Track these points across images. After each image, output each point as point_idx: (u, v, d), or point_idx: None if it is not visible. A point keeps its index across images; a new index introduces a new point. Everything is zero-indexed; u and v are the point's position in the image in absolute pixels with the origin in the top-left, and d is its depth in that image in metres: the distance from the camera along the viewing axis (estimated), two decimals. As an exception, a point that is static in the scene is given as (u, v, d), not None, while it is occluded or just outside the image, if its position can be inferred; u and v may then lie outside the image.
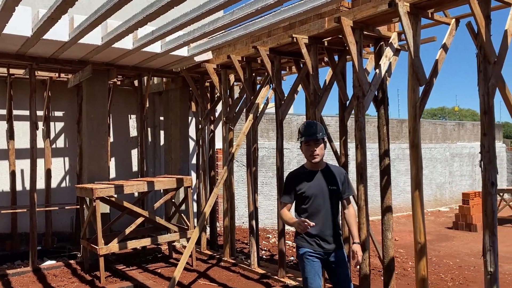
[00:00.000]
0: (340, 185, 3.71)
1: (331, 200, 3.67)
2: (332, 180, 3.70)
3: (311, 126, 3.69)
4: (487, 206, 4.06)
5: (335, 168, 3.83)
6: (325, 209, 3.66)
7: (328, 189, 3.66)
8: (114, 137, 10.15)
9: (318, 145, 3.65)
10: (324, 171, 3.73)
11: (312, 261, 3.65)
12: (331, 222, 3.67)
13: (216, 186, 6.26)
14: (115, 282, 6.60)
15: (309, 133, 3.64)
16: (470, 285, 6.72)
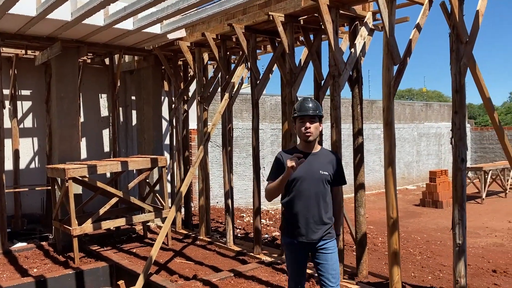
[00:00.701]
0: (333, 171, 3.42)
1: (320, 186, 3.36)
2: (324, 164, 3.41)
3: (307, 101, 3.42)
4: (457, 182, 4.23)
5: (329, 153, 3.53)
6: (312, 195, 3.35)
7: (319, 174, 3.36)
8: (84, 117, 9.92)
9: (313, 122, 3.37)
10: (318, 155, 3.44)
11: (295, 250, 3.44)
12: (319, 209, 3.36)
13: (192, 166, 6.25)
14: (89, 263, 6.55)
15: (303, 109, 3.38)
16: (436, 258, 7.02)
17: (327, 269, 3.43)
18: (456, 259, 4.27)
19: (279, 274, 5.72)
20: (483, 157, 19.48)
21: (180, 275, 5.92)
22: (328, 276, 3.42)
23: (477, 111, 48.21)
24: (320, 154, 3.46)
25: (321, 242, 3.40)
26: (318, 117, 3.40)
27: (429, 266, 6.59)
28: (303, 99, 3.50)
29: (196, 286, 5.23)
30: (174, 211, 5.89)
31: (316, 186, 3.35)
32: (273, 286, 5.27)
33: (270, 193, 3.40)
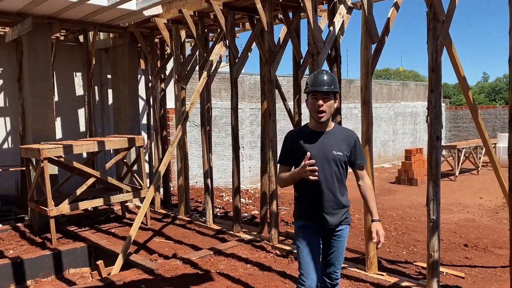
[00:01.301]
0: (349, 151, 3.09)
1: (334, 168, 3.05)
2: (339, 144, 3.07)
3: (322, 74, 3.03)
4: (432, 159, 4.32)
5: (344, 131, 3.17)
6: (327, 176, 3.04)
7: (333, 155, 3.04)
8: (59, 96, 9.66)
9: (327, 100, 3.00)
10: (331, 133, 3.10)
11: (309, 235, 3.13)
12: (334, 192, 3.07)
13: (171, 145, 6.20)
14: (67, 243, 6.49)
15: (317, 83, 2.99)
16: (411, 234, 7.22)
17: (337, 257, 3.21)
18: (430, 234, 4.39)
19: (258, 251, 5.80)
20: (457, 135, 19.94)
21: (159, 254, 5.94)
22: (335, 263, 3.22)
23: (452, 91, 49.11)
24: (334, 132, 3.11)
25: (338, 228, 3.15)
26: (333, 94, 3.03)
27: (404, 241, 6.78)
28: (317, 72, 3.10)
29: (175, 265, 5.26)
30: (153, 191, 5.86)
31: (330, 168, 3.04)
32: (253, 263, 5.34)
33: (283, 183, 3.15)
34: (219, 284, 4.68)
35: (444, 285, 4.83)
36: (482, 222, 8.25)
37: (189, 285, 4.65)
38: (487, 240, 6.89)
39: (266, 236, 6.32)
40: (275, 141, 6.09)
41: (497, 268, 5.63)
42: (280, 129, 13.51)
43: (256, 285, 4.65)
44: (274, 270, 5.07)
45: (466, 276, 5.36)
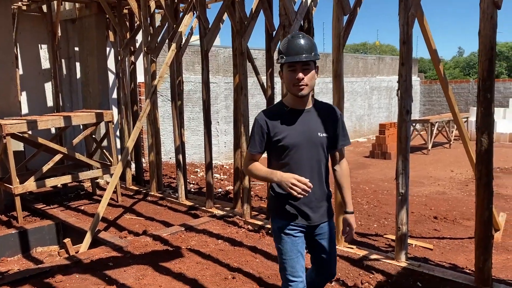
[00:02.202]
0: (333, 131, 2.58)
1: (320, 153, 2.56)
2: (323, 123, 2.55)
3: (298, 40, 2.41)
4: (401, 133, 4.30)
5: (326, 107, 2.63)
6: (313, 164, 2.55)
7: (319, 138, 2.54)
8: (23, 70, 9.26)
9: (308, 71, 2.44)
10: (312, 111, 2.56)
11: (293, 236, 2.61)
12: (321, 182, 2.60)
13: (139, 120, 6.02)
14: (34, 221, 6.32)
15: (293, 51, 2.40)
16: (383, 207, 7.31)
17: (331, 258, 2.77)
18: (398, 208, 4.41)
19: (230, 227, 5.77)
20: (431, 109, 20.21)
21: (129, 231, 5.84)
22: (331, 264, 2.80)
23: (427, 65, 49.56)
24: (316, 110, 2.57)
25: (323, 224, 2.66)
26: (314, 62, 2.47)
27: (375, 214, 6.86)
28: (292, 36, 2.47)
29: (145, 242, 5.18)
30: (121, 167, 5.71)
31: (317, 153, 2.55)
32: (224, 239, 5.30)
33: (252, 176, 2.64)
34: (189, 260, 4.63)
35: (413, 257, 4.90)
36: (452, 194, 8.42)
37: (158, 262, 4.59)
38: (456, 212, 7.04)
39: (239, 212, 6.28)
40: (247, 116, 5.98)
41: (465, 239, 5.76)
42: (256, 104, 13.50)
43: (227, 260, 4.62)
44: (245, 245, 5.05)
45: (435, 247, 5.46)
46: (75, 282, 4.16)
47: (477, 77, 3.69)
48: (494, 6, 3.54)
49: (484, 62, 3.62)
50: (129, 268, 4.46)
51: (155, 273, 4.32)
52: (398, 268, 4.32)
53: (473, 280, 3.93)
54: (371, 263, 4.47)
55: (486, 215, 3.77)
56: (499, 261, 4.96)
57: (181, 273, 4.30)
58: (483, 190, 3.76)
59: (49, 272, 4.35)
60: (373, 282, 4.06)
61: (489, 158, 3.71)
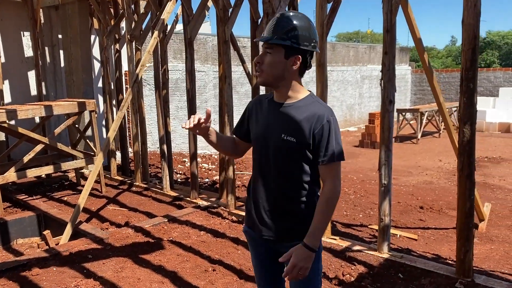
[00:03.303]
0: (308, 139, 2.06)
1: (280, 157, 2.13)
2: (294, 125, 2.08)
3: (274, 18, 2.09)
4: (384, 123, 4.25)
5: (313, 108, 2.09)
6: (268, 169, 2.18)
7: (278, 140, 2.11)
8: (5, 57, 9.04)
9: (269, 55, 2.08)
10: (292, 108, 2.12)
11: (254, 245, 2.35)
12: (275, 192, 2.18)
13: (120, 110, 5.90)
14: (15, 213, 6.21)
15: (264, 31, 2.11)
16: (369, 197, 7.28)
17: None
18: (381, 199, 4.38)
19: (213, 218, 5.70)
20: (422, 99, 20.19)
21: (111, 223, 5.76)
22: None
23: (420, 54, 49.52)
24: (297, 107, 2.11)
25: (282, 244, 2.19)
26: (282, 46, 2.04)
27: (361, 204, 6.83)
28: (279, 14, 2.13)
29: (127, 233, 5.10)
30: (102, 157, 5.60)
31: (275, 157, 2.15)
32: (207, 230, 5.24)
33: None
34: (169, 252, 4.57)
35: (396, 248, 4.88)
36: (440, 184, 8.41)
37: (138, 254, 4.52)
38: (442, 202, 7.03)
39: (224, 202, 6.22)
40: (231, 105, 5.89)
41: (450, 229, 5.74)
42: (245, 93, 13.38)
43: (208, 252, 4.56)
44: (228, 237, 4.99)
45: (419, 238, 5.45)
46: (52, 275, 4.08)
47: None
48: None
49: (467, 51, 3.55)
50: (108, 260, 4.39)
51: (134, 266, 4.25)
52: (380, 260, 4.29)
53: (454, 272, 3.91)
54: (353, 255, 4.43)
55: (467, 206, 3.74)
56: (483, 251, 4.96)
57: (161, 266, 4.24)
58: (464, 181, 3.72)
59: (26, 265, 4.26)
60: (354, 274, 4.02)
61: (471, 149, 3.66)
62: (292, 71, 2.08)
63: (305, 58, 2.09)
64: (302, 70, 2.12)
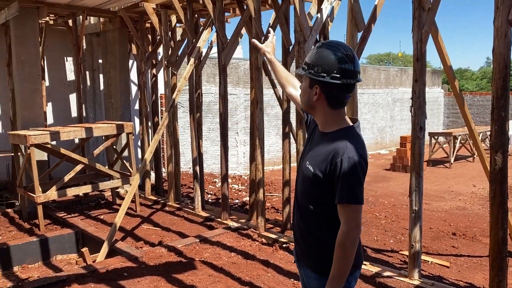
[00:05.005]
0: (323, 173, 2.02)
1: (305, 185, 2.14)
2: (316, 155, 2.09)
3: (313, 49, 2.12)
4: (415, 149, 4.28)
5: (336, 143, 2.01)
6: (297, 194, 2.24)
7: (304, 166, 2.15)
8: (49, 81, 9.59)
9: (304, 81, 2.15)
10: (323, 137, 2.11)
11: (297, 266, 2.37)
12: (302, 220, 2.20)
13: (157, 132, 6.15)
14: (55, 230, 6.50)
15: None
16: (401, 222, 7.21)
17: None
18: (412, 225, 4.38)
19: (244, 239, 5.80)
20: (455, 122, 19.83)
21: (145, 241, 5.95)
22: None
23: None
24: (328, 138, 2.07)
25: (306, 269, 2.23)
26: (309, 77, 2.06)
27: (392, 230, 6.77)
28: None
29: (160, 252, 5.27)
30: (138, 178, 5.84)
31: (303, 185, 2.18)
32: (237, 251, 5.34)
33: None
34: (201, 272, 4.69)
35: (427, 275, 4.83)
36: (473, 210, 8.24)
37: (171, 273, 4.66)
38: (476, 229, 6.88)
39: (254, 224, 6.32)
40: (262, 129, 6.03)
41: (484, 257, 5.62)
42: (276, 115, 13.54)
43: (238, 274, 4.65)
44: (258, 259, 5.07)
45: (452, 265, 5.36)
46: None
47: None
48: (508, 24, 3.51)
49: (498, 80, 3.58)
50: (143, 278, 4.54)
51: (167, 285, 4.39)
52: (410, 287, 4.27)
53: (487, 301, 3.85)
54: (383, 280, 4.43)
55: (500, 235, 3.70)
56: (518, 281, 4.83)
57: (193, 286, 4.36)
58: (497, 209, 3.70)
59: (66, 281, 4.47)
60: (384, 300, 4.02)
61: (503, 177, 3.65)
62: (316, 100, 2.06)
63: (328, 89, 2.02)
64: (331, 101, 2.05)
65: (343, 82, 1.98)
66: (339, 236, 1.98)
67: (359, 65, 2.08)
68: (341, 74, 1.98)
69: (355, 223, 1.97)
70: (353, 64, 2.00)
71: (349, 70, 1.99)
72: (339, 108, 2.08)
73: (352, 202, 1.95)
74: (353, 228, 1.96)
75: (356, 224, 1.97)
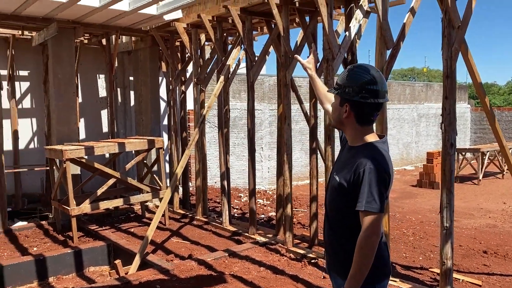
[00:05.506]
0: (347, 183, 2.20)
1: (336, 197, 2.32)
2: (342, 166, 2.29)
3: (345, 70, 2.35)
4: (445, 166, 4.29)
5: (359, 155, 2.19)
6: (327, 204, 2.43)
7: (333, 177, 2.35)
8: (82, 98, 9.94)
9: (336, 100, 2.35)
10: (351, 151, 2.31)
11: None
12: (330, 229, 2.38)
13: (188, 148, 6.31)
14: (88, 242, 6.69)
15: None
16: (429, 239, 7.13)
17: None
18: (443, 242, 4.36)
19: (272, 254, 5.86)
20: (482, 137, 19.48)
21: (176, 255, 6.06)
22: None
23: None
24: (353, 152, 2.28)
25: (336, 276, 2.39)
26: (339, 96, 2.28)
27: (421, 247, 6.71)
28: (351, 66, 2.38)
29: (191, 266, 5.37)
30: (170, 192, 5.98)
31: (330, 193, 2.39)
32: (266, 266, 5.40)
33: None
34: (231, 286, 4.76)
35: (459, 293, 4.78)
36: (504, 228, 8.08)
37: (203, 286, 4.75)
38: (508, 247, 6.75)
39: (281, 239, 6.37)
40: (290, 145, 6.12)
41: (516, 276, 5.52)
42: (300, 130, 13.63)
43: (268, 288, 4.71)
44: (287, 274, 5.12)
45: (484, 284, 5.28)
46: (125, 302, 4.38)
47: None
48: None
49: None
50: (175, 291, 4.64)
51: (199, 297, 4.47)
52: (442, 304, 4.24)
53: (523, 321, 3.79)
54: (414, 298, 4.40)
55: (535, 253, 3.66)
56: (554, 302, 4.73)
57: (224, 299, 4.43)
58: (531, 227, 3.67)
59: (101, 292, 4.61)
60: (416, 317, 4.00)
61: (537, 195, 3.63)
62: (346, 117, 2.26)
63: (357, 108, 2.21)
64: (359, 119, 2.24)
65: (371, 101, 2.19)
66: (358, 240, 2.11)
67: (387, 86, 2.28)
68: (370, 94, 2.19)
69: (373, 230, 2.09)
70: (380, 85, 2.21)
71: (377, 91, 2.20)
72: (367, 125, 2.29)
73: (371, 209, 2.08)
74: (371, 235, 2.09)
75: (374, 231, 2.09)
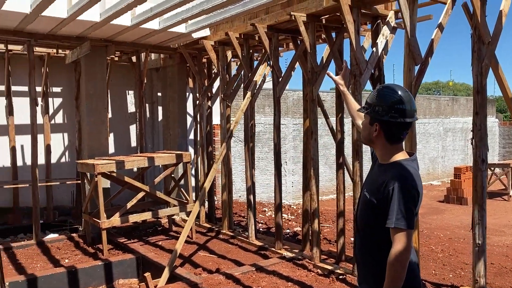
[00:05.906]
0: (377, 200, 2.25)
1: (368, 214, 2.36)
2: (372, 184, 2.35)
3: (373, 90, 2.43)
4: (477, 182, 4.25)
5: (388, 173, 2.25)
6: (358, 220, 2.48)
7: (364, 196, 2.38)
8: (112, 113, 10.22)
9: (366, 119, 2.39)
10: (381, 169, 2.35)
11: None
12: (362, 246, 2.43)
13: (216, 162, 6.41)
14: (117, 255, 6.82)
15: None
16: (459, 256, 7.00)
17: None
18: (475, 259, 4.30)
19: (299, 270, 5.85)
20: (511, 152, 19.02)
21: (203, 268, 6.12)
22: None
23: (507, 105, 46.76)
24: (382, 169, 2.33)
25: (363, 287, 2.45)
26: (372, 118, 2.32)
27: (451, 264, 6.59)
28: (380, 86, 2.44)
29: (218, 280, 5.41)
30: (198, 206, 6.07)
31: (362, 210, 2.42)
32: (294, 281, 5.40)
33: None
34: (260, 300, 4.78)
35: (492, 312, 4.68)
36: (537, 246, 7.85)
37: (231, 300, 4.78)
38: (542, 265, 6.56)
39: (308, 254, 6.36)
40: (317, 159, 6.15)
41: (552, 296, 5.36)
42: (324, 144, 13.62)
43: (297, 303, 4.70)
44: (315, 289, 5.11)
45: (517, 303, 5.15)
46: (155, 314, 4.45)
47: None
48: None
49: None
50: (204, 304, 4.69)
51: (228, 311, 4.50)
52: (475, 323, 4.16)
53: None
54: (446, 316, 4.33)
55: None
56: None
57: (253, 313, 4.45)
58: None
59: (132, 304, 4.69)
60: (448, 336, 3.94)
61: None
62: (376, 136, 2.31)
63: (387, 127, 2.26)
64: (389, 137, 2.29)
65: (400, 121, 2.23)
66: (390, 256, 2.15)
67: (415, 105, 2.32)
68: (399, 114, 2.23)
69: (403, 247, 2.12)
70: (409, 105, 2.25)
71: (406, 110, 2.24)
72: (396, 143, 2.33)
73: (400, 226, 2.12)
74: (401, 251, 2.12)
75: (403, 248, 2.12)
